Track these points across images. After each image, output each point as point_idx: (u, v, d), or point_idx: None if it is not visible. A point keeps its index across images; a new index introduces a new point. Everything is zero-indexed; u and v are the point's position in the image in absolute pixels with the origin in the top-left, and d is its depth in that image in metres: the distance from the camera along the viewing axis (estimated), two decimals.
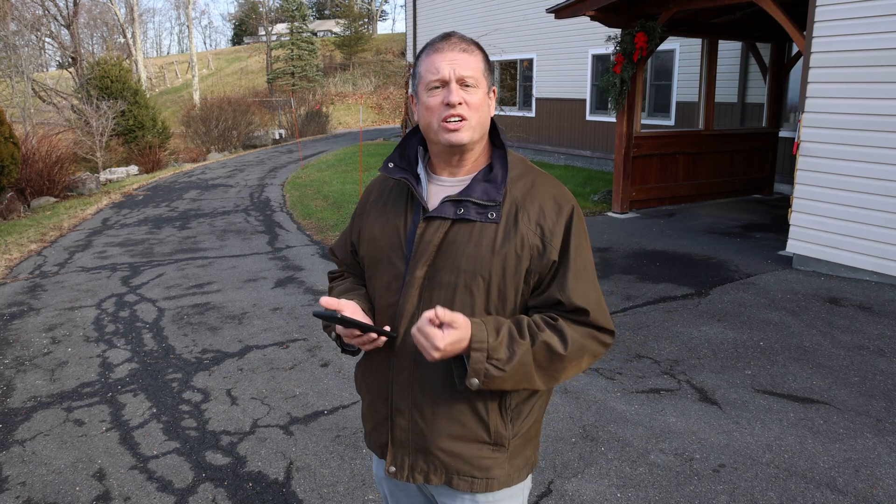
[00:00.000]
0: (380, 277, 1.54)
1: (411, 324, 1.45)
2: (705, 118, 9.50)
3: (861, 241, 5.87)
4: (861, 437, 3.38)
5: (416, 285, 1.46)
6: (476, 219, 1.44)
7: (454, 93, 1.42)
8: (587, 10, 8.03)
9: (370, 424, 1.61)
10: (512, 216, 1.45)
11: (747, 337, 4.70)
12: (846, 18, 5.84)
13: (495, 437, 1.49)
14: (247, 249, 7.76)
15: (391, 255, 1.52)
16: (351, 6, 41.38)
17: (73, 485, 3.15)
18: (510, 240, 1.43)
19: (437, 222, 1.46)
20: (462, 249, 1.43)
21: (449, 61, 1.44)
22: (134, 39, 35.34)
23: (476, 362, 1.35)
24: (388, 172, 1.56)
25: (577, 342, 1.42)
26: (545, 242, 1.44)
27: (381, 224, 1.56)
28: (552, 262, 1.44)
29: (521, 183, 1.49)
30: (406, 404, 1.50)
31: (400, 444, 1.52)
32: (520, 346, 1.37)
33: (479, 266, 1.42)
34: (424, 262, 1.45)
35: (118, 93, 19.93)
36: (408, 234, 1.50)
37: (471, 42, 1.48)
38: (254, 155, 19.24)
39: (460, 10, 17.23)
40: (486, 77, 1.48)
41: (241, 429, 3.63)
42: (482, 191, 1.46)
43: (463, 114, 1.43)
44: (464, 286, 1.43)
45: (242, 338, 4.95)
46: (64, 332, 5.16)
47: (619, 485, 3.04)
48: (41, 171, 11.80)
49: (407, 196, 1.54)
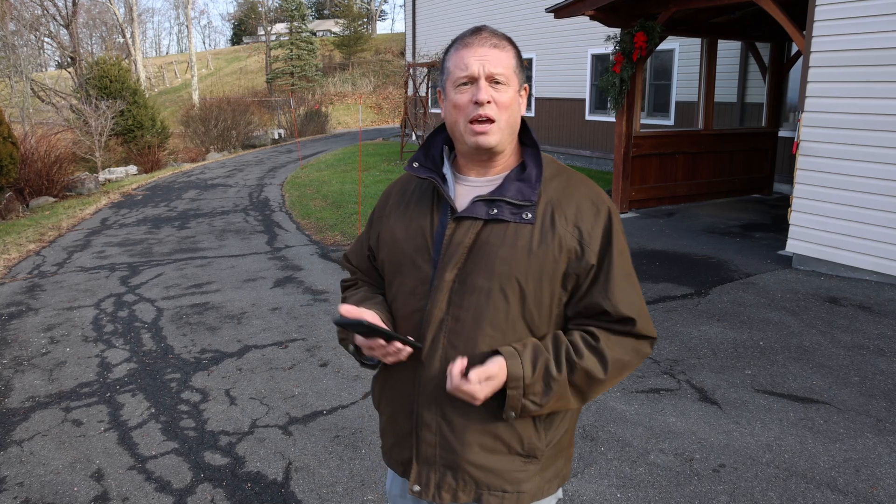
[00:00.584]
0: (404, 281, 1.46)
1: (440, 331, 1.39)
2: (705, 118, 9.49)
3: (861, 241, 5.86)
4: (861, 436, 3.38)
5: (445, 289, 1.38)
6: (510, 219, 1.37)
7: (483, 90, 1.35)
8: (586, 10, 8.02)
9: (391, 440, 1.54)
10: (548, 217, 1.38)
11: (747, 337, 4.69)
12: (845, 18, 5.83)
13: (528, 449, 1.42)
14: (246, 249, 7.75)
15: (416, 258, 1.44)
16: (350, 6, 41.36)
17: (71, 485, 3.14)
18: (547, 241, 1.36)
19: (468, 223, 1.39)
20: (496, 251, 1.36)
21: (479, 57, 1.36)
22: (133, 39, 35.32)
23: (513, 399, 1.32)
24: (413, 171, 1.49)
25: (618, 363, 1.37)
26: (583, 245, 1.38)
27: (403, 225, 1.48)
28: (591, 265, 1.38)
29: (555, 182, 1.43)
30: (433, 417, 1.42)
31: (426, 460, 1.44)
32: (556, 382, 1.33)
33: (514, 268, 1.35)
34: (454, 264, 1.38)
35: (117, 92, 19.92)
36: (435, 236, 1.42)
37: (503, 37, 1.41)
38: (253, 155, 19.23)
39: (459, 10, 17.23)
40: (518, 74, 1.41)
41: (239, 429, 3.62)
42: (516, 190, 1.39)
43: (491, 114, 1.36)
44: (498, 290, 1.36)
45: (241, 338, 4.94)
46: (62, 332, 5.14)
47: (618, 485, 3.03)
48: (40, 170, 11.79)
49: (432, 196, 1.47)
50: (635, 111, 8.59)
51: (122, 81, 20.63)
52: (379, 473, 3.18)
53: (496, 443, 1.41)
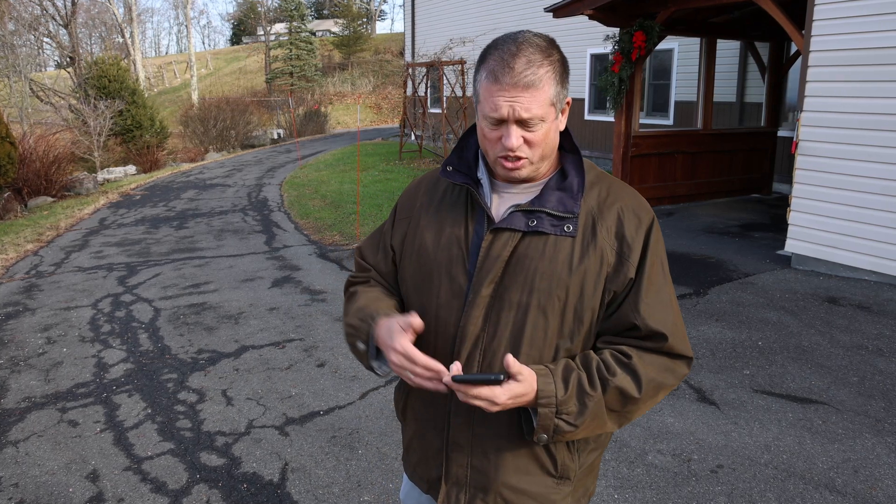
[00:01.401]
0: (435, 293, 1.36)
1: (475, 348, 1.32)
2: (704, 117, 9.48)
3: (860, 241, 5.85)
4: (860, 437, 3.36)
5: (481, 305, 1.31)
6: (550, 231, 1.30)
7: (513, 136, 1.26)
8: (585, 10, 8.01)
9: (417, 456, 1.48)
10: (589, 228, 1.31)
11: (746, 337, 4.68)
12: (845, 17, 5.82)
13: (561, 471, 1.37)
14: (244, 249, 7.74)
15: (451, 270, 1.35)
16: (349, 6, 41.36)
17: (67, 486, 3.12)
18: (588, 255, 1.29)
19: (507, 235, 1.30)
20: (535, 265, 1.29)
21: (508, 99, 1.24)
22: (132, 39, 35.31)
23: (544, 418, 1.24)
24: (448, 177, 1.40)
25: (652, 381, 1.29)
26: (622, 258, 1.30)
27: (433, 232, 1.39)
28: (629, 279, 1.30)
29: (595, 191, 1.35)
30: (466, 438, 1.36)
31: (456, 481, 1.39)
32: (591, 399, 1.25)
33: (555, 285, 1.28)
34: (492, 279, 1.30)
35: (116, 92, 19.92)
36: (471, 247, 1.34)
37: (541, 63, 1.24)
38: (252, 155, 19.22)
39: (458, 10, 17.21)
40: (557, 100, 1.28)
41: (236, 429, 3.60)
42: (557, 200, 1.31)
43: (520, 154, 1.28)
44: (537, 307, 1.29)
45: (238, 338, 4.93)
46: (59, 333, 5.13)
47: (616, 486, 3.02)
48: (38, 170, 11.78)
49: (466, 203, 1.38)
50: (634, 111, 8.57)
51: (121, 81, 20.63)
52: (375, 474, 3.16)
53: (530, 464, 1.35)
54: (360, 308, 1.43)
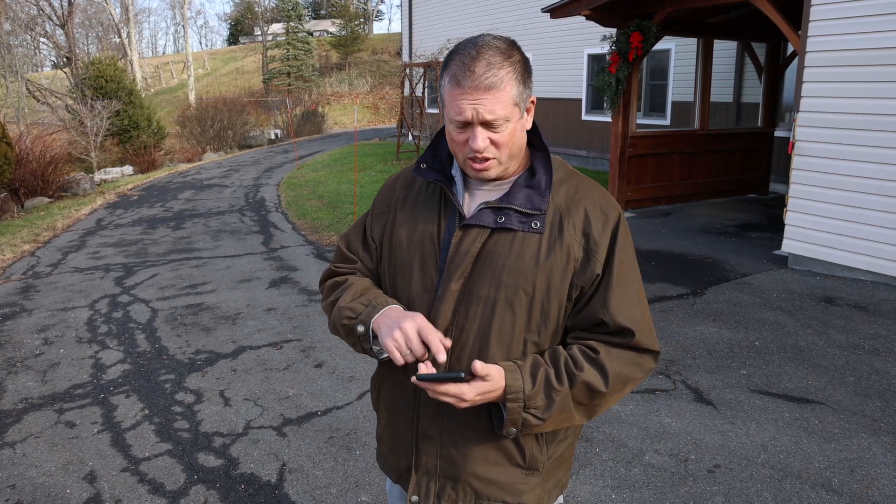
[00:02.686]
0: (407, 286, 1.41)
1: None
2: (701, 118, 9.50)
3: (857, 241, 5.87)
4: (856, 437, 3.37)
5: (450, 299, 1.34)
6: (518, 228, 1.33)
7: (478, 138, 1.28)
8: (582, 10, 8.02)
9: (387, 446, 1.51)
10: (556, 225, 1.34)
11: (742, 337, 4.69)
12: (841, 18, 5.83)
13: (530, 462, 1.40)
14: (241, 250, 7.73)
15: (424, 264, 1.39)
16: (347, 6, 41.34)
17: (64, 487, 3.12)
18: (555, 251, 1.32)
19: (476, 231, 1.34)
20: (503, 261, 1.32)
21: (471, 102, 1.26)
22: (129, 39, 35.25)
23: (513, 413, 1.27)
24: (420, 174, 1.43)
25: (619, 375, 1.32)
26: (589, 254, 1.33)
27: (409, 228, 1.43)
28: (596, 275, 1.33)
29: (563, 188, 1.38)
30: (435, 429, 1.40)
31: (426, 470, 1.42)
32: (558, 393, 1.28)
33: (521, 280, 1.31)
34: (460, 274, 1.33)
35: (113, 93, 19.88)
36: (442, 242, 1.38)
37: (501, 65, 1.26)
38: (249, 155, 19.20)
39: (456, 10, 17.21)
40: (520, 99, 1.31)
41: (233, 430, 3.60)
42: (525, 198, 1.34)
43: (487, 156, 1.31)
44: (504, 301, 1.32)
45: (236, 338, 4.93)
46: (56, 333, 5.12)
47: (613, 486, 3.03)
48: (35, 171, 11.76)
49: (440, 199, 1.42)
50: (631, 111, 8.58)
51: (118, 81, 20.59)
52: (373, 475, 3.16)
53: (498, 455, 1.38)
54: (362, 292, 1.44)
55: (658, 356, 1.39)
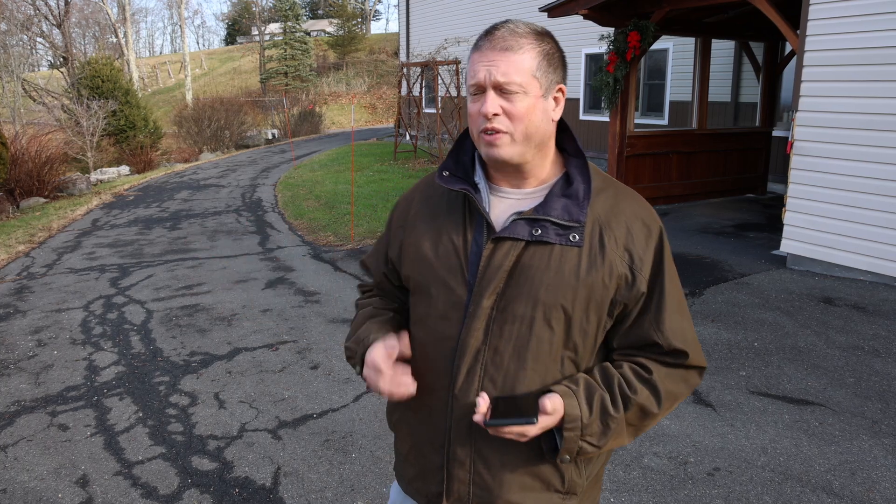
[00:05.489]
0: (432, 304, 1.33)
1: (475, 362, 1.27)
2: (699, 117, 9.47)
3: (856, 241, 5.84)
4: (857, 439, 3.35)
5: (482, 317, 1.26)
6: (555, 241, 1.24)
7: (489, 102, 1.21)
8: (579, 9, 7.98)
9: (414, 470, 1.43)
10: (596, 239, 1.25)
11: (741, 337, 4.66)
12: (840, 17, 5.81)
13: (569, 486, 1.33)
14: (238, 250, 7.69)
15: (449, 280, 1.30)
16: (344, 6, 41.28)
17: (56, 491, 3.08)
18: (597, 267, 1.24)
19: (509, 244, 1.25)
20: (540, 277, 1.24)
21: (486, 63, 1.21)
22: (126, 39, 35.15)
23: (569, 441, 1.23)
24: (444, 183, 1.34)
25: (670, 394, 1.29)
26: (634, 271, 1.26)
27: (431, 240, 1.34)
28: (641, 293, 1.27)
29: (602, 198, 1.29)
30: (467, 454, 1.31)
31: (458, 497, 1.35)
32: (614, 420, 1.24)
33: (560, 296, 1.23)
34: (493, 290, 1.25)
35: (109, 92, 19.82)
36: (470, 256, 1.29)
37: (523, 34, 1.24)
38: (246, 155, 19.14)
39: (452, 9, 17.19)
40: (543, 76, 1.24)
41: (228, 433, 3.56)
42: (562, 208, 1.25)
43: (499, 127, 1.22)
44: (542, 319, 1.24)
45: (231, 340, 4.89)
46: (50, 335, 5.08)
47: (612, 489, 2.99)
48: (31, 171, 11.69)
49: (464, 209, 1.33)
50: (629, 111, 8.56)
51: (115, 81, 20.54)
52: (369, 479, 3.13)
53: (535, 481, 1.32)
54: (355, 330, 1.45)
55: (704, 371, 1.35)
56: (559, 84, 1.27)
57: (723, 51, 10.67)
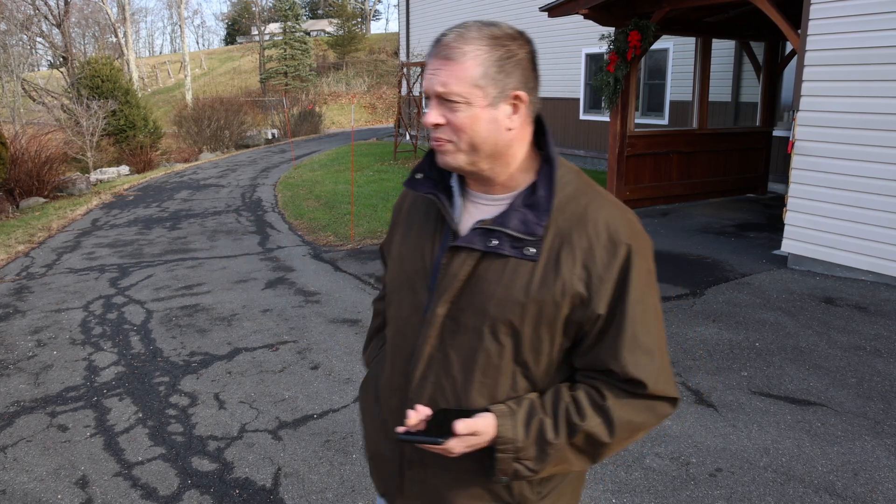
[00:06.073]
0: (401, 306, 1.33)
1: (428, 369, 1.26)
2: (699, 117, 9.46)
3: (857, 241, 5.83)
4: (859, 439, 3.33)
5: (436, 325, 1.24)
6: (510, 253, 1.19)
7: (430, 112, 1.19)
8: (580, 9, 7.98)
9: (374, 465, 1.46)
10: (554, 253, 1.18)
11: (743, 338, 4.65)
12: (841, 16, 5.80)
13: (519, 499, 1.29)
14: (237, 250, 7.68)
15: (415, 284, 1.30)
16: (344, 6, 41.26)
17: (55, 492, 3.07)
18: (549, 284, 1.18)
19: (465, 253, 1.22)
20: (491, 289, 1.20)
21: (431, 72, 1.18)
22: (126, 39, 35.13)
23: (503, 462, 1.19)
24: (413, 188, 1.31)
25: (628, 424, 1.20)
26: (591, 291, 1.18)
27: (408, 243, 1.34)
28: (597, 315, 1.18)
29: (570, 208, 1.21)
30: (420, 457, 1.31)
31: (410, 497, 1.36)
32: (552, 447, 1.19)
33: (508, 311, 1.19)
34: (447, 298, 1.23)
35: (109, 92, 19.80)
36: (434, 261, 1.27)
37: (472, 39, 1.17)
38: (246, 155, 19.13)
39: (452, 9, 17.18)
40: (490, 85, 1.16)
41: (228, 434, 3.55)
42: (520, 220, 1.19)
43: (442, 136, 1.19)
44: (490, 333, 1.21)
45: (231, 340, 4.87)
46: (50, 335, 5.06)
47: (613, 490, 2.98)
48: (30, 171, 11.68)
49: (438, 212, 1.31)
50: (630, 110, 8.55)
51: (114, 81, 20.52)
52: (370, 480, 3.11)
53: (484, 491, 1.29)
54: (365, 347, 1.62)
55: (676, 402, 1.25)
56: (515, 91, 1.19)
57: (723, 50, 10.66)
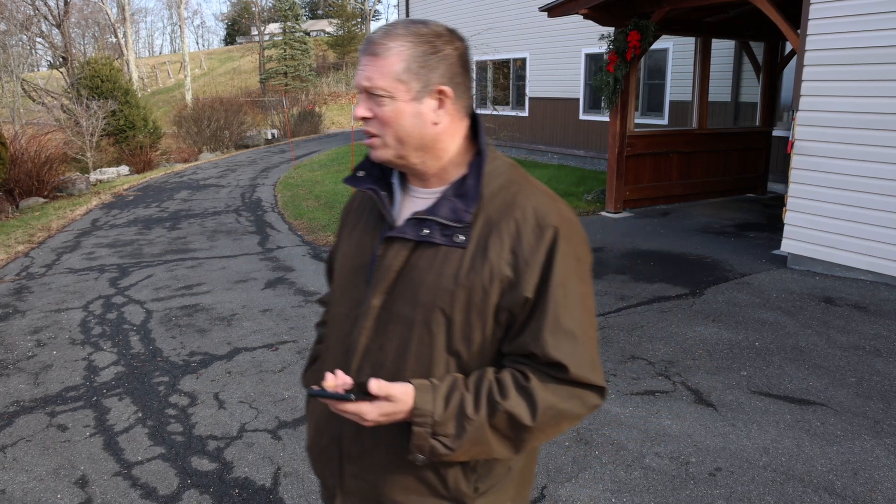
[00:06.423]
0: (341, 303, 1.36)
1: (364, 360, 1.28)
2: (699, 117, 9.47)
3: (856, 241, 5.83)
4: (859, 439, 3.34)
5: (371, 316, 1.27)
6: (441, 242, 1.22)
7: (359, 106, 1.24)
8: (580, 9, 7.98)
9: (314, 459, 1.44)
10: (482, 240, 1.21)
11: (742, 337, 4.65)
12: (841, 16, 5.80)
13: (454, 494, 1.28)
14: (237, 250, 7.68)
15: (355, 278, 1.33)
16: (344, 6, 41.26)
17: (55, 492, 3.07)
18: (477, 269, 1.20)
19: (399, 244, 1.25)
20: (422, 278, 1.22)
21: (360, 67, 1.24)
22: (125, 39, 35.13)
23: (419, 437, 1.17)
24: (353, 183, 1.35)
25: (551, 409, 1.19)
26: (518, 274, 1.19)
27: (353, 241, 1.37)
28: (525, 298, 1.19)
29: (500, 197, 1.24)
30: (357, 450, 1.31)
31: (350, 491, 1.35)
32: (470, 423, 1.17)
33: (438, 299, 1.21)
34: (382, 289, 1.25)
35: (109, 92, 19.79)
36: (372, 255, 1.30)
37: (397, 36, 1.21)
38: (246, 155, 19.13)
39: (452, 9, 17.18)
40: (413, 79, 1.21)
41: (228, 433, 3.55)
42: (449, 209, 1.23)
43: (371, 130, 1.25)
44: (422, 322, 1.22)
45: (231, 340, 4.87)
46: (49, 335, 5.06)
47: (613, 489, 2.98)
48: (30, 171, 11.66)
49: (378, 209, 1.35)
50: (629, 110, 8.55)
51: (114, 81, 20.51)
52: None
53: (419, 484, 1.28)
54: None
55: (605, 392, 1.25)
56: (439, 85, 1.23)
57: (723, 50, 10.66)
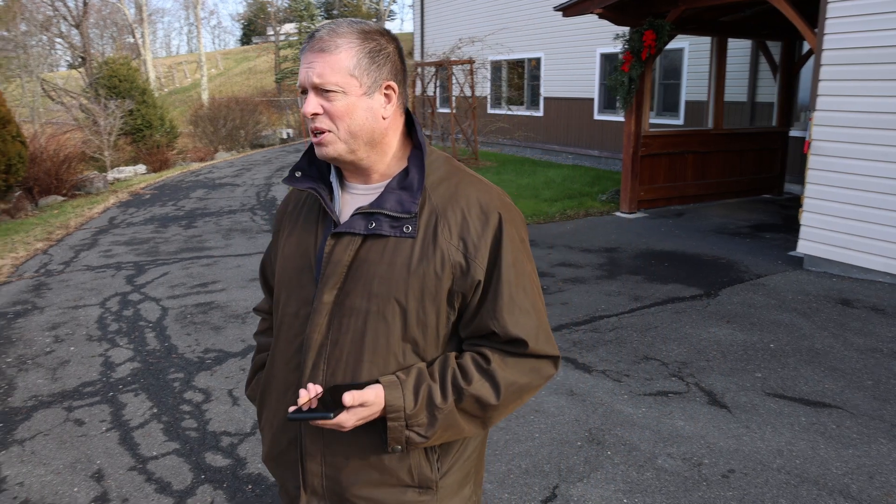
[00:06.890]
0: (288, 304, 1.37)
1: (319, 357, 1.30)
2: (714, 117, 9.40)
3: (874, 242, 5.77)
4: (875, 442, 3.30)
5: (324, 312, 1.29)
6: (390, 233, 1.26)
7: (308, 102, 1.25)
8: (594, 9, 7.95)
9: (273, 465, 1.44)
10: (431, 229, 1.26)
11: (757, 339, 4.62)
12: (858, 15, 5.74)
13: (419, 480, 1.32)
14: (252, 248, 7.73)
15: (301, 278, 1.34)
16: (359, 6, 41.39)
17: (72, 485, 3.11)
18: (428, 257, 1.25)
19: (347, 239, 1.28)
20: (374, 270, 1.26)
21: (306, 65, 1.24)
22: (143, 39, 35.48)
23: (395, 431, 1.23)
24: (292, 183, 1.36)
25: (513, 385, 1.27)
26: (468, 259, 1.25)
27: (292, 242, 1.39)
28: (477, 281, 1.26)
29: (442, 188, 1.29)
30: (318, 447, 1.33)
31: (313, 491, 1.36)
32: (440, 411, 1.23)
33: (392, 289, 1.25)
34: (333, 285, 1.28)
35: (126, 92, 19.98)
36: (318, 253, 1.32)
37: (344, 34, 1.25)
38: (261, 154, 19.25)
39: (468, 9, 17.18)
40: (364, 75, 1.25)
41: (241, 430, 3.58)
42: (395, 201, 1.27)
43: (321, 126, 1.25)
44: (376, 312, 1.26)
45: (245, 337, 4.91)
46: (67, 331, 5.13)
47: (625, 490, 2.97)
48: (49, 169, 11.81)
49: (319, 208, 1.37)
50: (644, 110, 8.51)
51: (132, 81, 20.69)
52: None
53: (383, 476, 1.31)
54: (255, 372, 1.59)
55: (559, 360, 1.33)
56: (387, 81, 1.28)
57: (739, 50, 10.58)
